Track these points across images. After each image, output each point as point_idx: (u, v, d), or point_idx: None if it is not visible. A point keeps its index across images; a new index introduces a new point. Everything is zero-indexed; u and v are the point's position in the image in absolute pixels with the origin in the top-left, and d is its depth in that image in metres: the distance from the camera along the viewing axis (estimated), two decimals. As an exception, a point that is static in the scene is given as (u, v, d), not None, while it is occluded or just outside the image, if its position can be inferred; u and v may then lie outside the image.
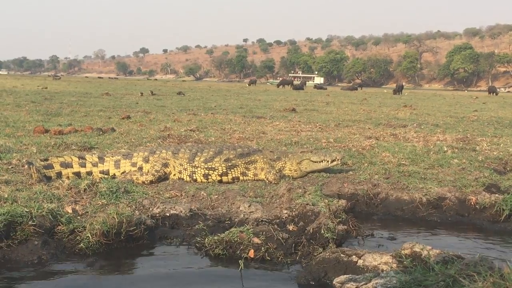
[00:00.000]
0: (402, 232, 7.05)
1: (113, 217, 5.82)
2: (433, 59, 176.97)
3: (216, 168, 8.50)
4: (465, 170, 9.60)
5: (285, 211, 6.89)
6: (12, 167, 8.53)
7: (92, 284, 4.98)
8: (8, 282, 4.90)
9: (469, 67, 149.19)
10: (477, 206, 7.74)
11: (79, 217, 6.22)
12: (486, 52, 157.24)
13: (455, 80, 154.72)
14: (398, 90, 61.83)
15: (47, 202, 6.47)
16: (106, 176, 8.36)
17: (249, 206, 7.07)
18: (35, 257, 5.36)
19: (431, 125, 18.42)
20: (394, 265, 4.88)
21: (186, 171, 8.52)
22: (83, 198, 7.04)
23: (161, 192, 7.78)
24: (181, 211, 6.77)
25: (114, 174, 8.47)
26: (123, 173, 8.47)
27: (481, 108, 31.74)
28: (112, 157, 8.61)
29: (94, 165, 8.44)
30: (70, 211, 6.33)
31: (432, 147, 12.25)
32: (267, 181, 8.49)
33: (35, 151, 10.05)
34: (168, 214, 6.71)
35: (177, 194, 7.72)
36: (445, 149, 11.81)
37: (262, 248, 5.64)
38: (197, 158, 8.52)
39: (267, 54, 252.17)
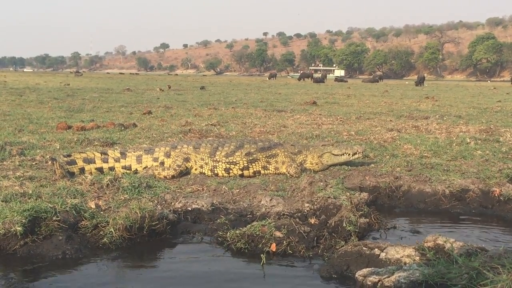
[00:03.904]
0: (425, 225, 6.99)
1: (135, 212, 5.85)
2: (455, 50, 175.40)
3: (237, 162, 8.51)
4: (488, 161, 9.49)
5: (306, 205, 6.88)
6: (36, 163, 8.65)
7: (116, 279, 5.02)
8: (34, 277, 4.97)
9: (492, 57, 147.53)
10: (501, 198, 7.64)
11: (102, 212, 6.27)
12: (510, 42, 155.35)
13: (478, 70, 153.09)
14: (420, 81, 61.43)
15: (71, 198, 6.53)
16: (128, 171, 8.43)
17: (270, 200, 7.07)
18: (59, 252, 5.41)
19: (453, 116, 18.24)
20: (417, 258, 4.85)
21: (208, 166, 8.54)
22: (105, 193, 7.10)
23: (183, 187, 7.81)
24: (203, 205, 6.80)
25: (136, 169, 8.53)
26: (145, 168, 8.53)
27: (505, 99, 31.34)
28: (134, 152, 8.68)
29: (117, 160, 8.50)
30: (93, 206, 6.38)
31: (454, 138, 12.14)
32: (288, 175, 8.48)
33: (58, 147, 10.18)
34: (190, 209, 6.74)
35: (198, 188, 7.75)
36: (468, 140, 11.69)
37: (284, 242, 5.64)
38: (218, 153, 8.54)
39: (287, 48, 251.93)
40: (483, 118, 17.87)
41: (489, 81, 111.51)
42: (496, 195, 7.69)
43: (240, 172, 8.55)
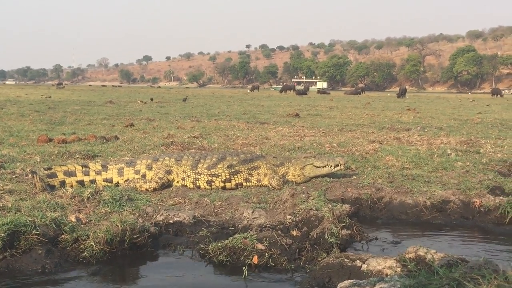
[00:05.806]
0: (406, 236, 7.02)
1: (116, 225, 5.82)
2: (436, 62, 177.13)
3: (219, 174, 8.49)
4: (469, 172, 9.57)
5: (288, 217, 6.87)
6: (16, 177, 8.53)
7: (96, 293, 4.97)
8: (12, 292, 4.91)
9: (472, 70, 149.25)
10: (481, 209, 7.70)
11: (82, 226, 6.22)
12: (489, 54, 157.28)
13: (459, 82, 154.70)
14: (402, 93, 61.88)
15: (51, 211, 6.47)
16: (109, 184, 8.37)
17: (252, 212, 7.06)
18: (39, 266, 5.35)
19: (434, 128, 18.38)
20: (398, 269, 4.86)
21: (190, 178, 8.51)
22: (86, 207, 7.04)
23: (164, 199, 7.77)
24: (185, 218, 6.76)
25: (118, 182, 8.47)
26: (126, 180, 8.47)
27: (485, 110, 31.67)
28: (116, 165, 8.62)
29: (98, 173, 8.44)
30: (73, 219, 6.33)
31: (435, 150, 12.22)
32: (271, 187, 8.48)
33: (38, 160, 10.07)
34: (171, 221, 6.70)
35: (180, 201, 7.72)
36: (449, 152, 11.77)
37: (266, 254, 5.63)
38: (200, 165, 8.51)
39: (270, 60, 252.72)
40: (463, 129, 18.02)
41: (469, 93, 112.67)
42: (476, 206, 7.75)
43: (222, 185, 8.52)
